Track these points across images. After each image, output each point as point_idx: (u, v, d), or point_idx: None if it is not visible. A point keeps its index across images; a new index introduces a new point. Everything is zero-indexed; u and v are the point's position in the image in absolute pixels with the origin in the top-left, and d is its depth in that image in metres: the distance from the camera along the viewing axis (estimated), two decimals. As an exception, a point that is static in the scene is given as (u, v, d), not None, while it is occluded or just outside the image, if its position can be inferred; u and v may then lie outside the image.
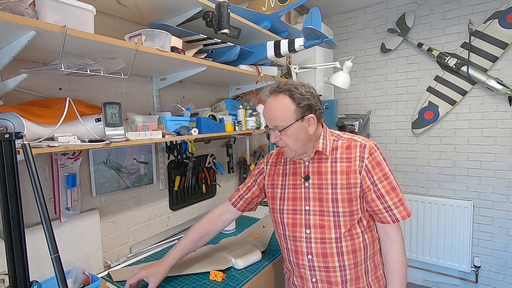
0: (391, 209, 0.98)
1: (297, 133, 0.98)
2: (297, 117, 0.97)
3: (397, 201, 0.99)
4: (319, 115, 1.03)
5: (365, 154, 1.00)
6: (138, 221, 1.52)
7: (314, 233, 1.02)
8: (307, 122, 0.99)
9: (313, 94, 1.01)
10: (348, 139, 1.05)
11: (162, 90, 1.61)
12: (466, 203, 2.47)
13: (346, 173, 1.00)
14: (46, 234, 0.75)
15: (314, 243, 1.02)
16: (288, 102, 0.96)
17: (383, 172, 0.99)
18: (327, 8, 2.86)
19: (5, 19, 0.72)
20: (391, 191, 0.99)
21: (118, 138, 1.05)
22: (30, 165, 0.76)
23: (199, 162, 1.85)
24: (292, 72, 2.14)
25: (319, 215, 1.02)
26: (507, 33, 2.24)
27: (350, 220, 1.00)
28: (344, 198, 0.99)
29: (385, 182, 0.99)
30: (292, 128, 0.97)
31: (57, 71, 0.96)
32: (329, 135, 1.07)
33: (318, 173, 1.04)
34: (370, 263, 1.05)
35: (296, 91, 0.97)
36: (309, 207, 1.04)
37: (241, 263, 1.27)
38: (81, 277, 1.11)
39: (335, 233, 1.00)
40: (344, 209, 0.99)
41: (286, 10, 1.70)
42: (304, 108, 0.97)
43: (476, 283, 2.50)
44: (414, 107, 2.69)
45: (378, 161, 1.00)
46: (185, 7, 1.33)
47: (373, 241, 1.06)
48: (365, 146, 1.01)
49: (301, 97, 0.97)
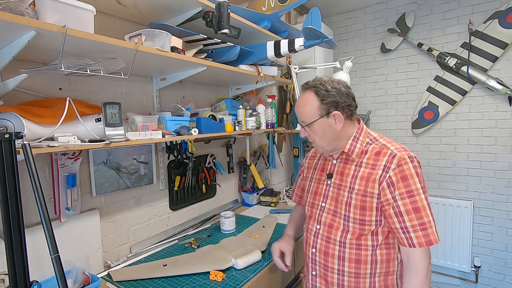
0: (408, 231, 0.90)
1: (323, 129, 0.99)
2: (321, 113, 0.98)
3: (418, 224, 0.88)
4: (349, 113, 1.00)
5: (392, 164, 0.92)
6: (138, 221, 1.52)
7: (323, 230, 1.05)
8: (333, 119, 0.98)
9: (340, 91, 0.98)
10: (382, 145, 0.98)
11: (162, 90, 1.61)
12: (466, 203, 2.47)
13: (366, 179, 0.96)
14: (46, 234, 0.75)
15: (320, 239, 1.05)
16: (313, 98, 0.99)
17: (408, 188, 0.90)
18: (327, 8, 2.86)
19: (5, 19, 0.72)
20: (413, 211, 0.89)
21: (118, 138, 1.05)
22: (30, 165, 0.76)
23: (199, 162, 1.85)
24: (292, 72, 2.14)
25: (332, 214, 1.03)
26: (507, 33, 2.24)
27: (360, 228, 0.97)
28: (357, 204, 0.96)
29: (407, 200, 0.90)
30: (317, 124, 0.99)
31: (57, 71, 0.97)
32: (363, 136, 1.02)
33: (341, 174, 1.03)
34: (379, 281, 0.98)
35: (321, 88, 0.97)
36: (325, 205, 1.06)
37: (241, 263, 1.27)
38: (81, 277, 1.11)
39: (341, 237, 1.00)
40: (355, 215, 0.97)
41: (286, 10, 1.70)
42: (328, 105, 0.97)
43: (476, 283, 2.50)
44: (414, 107, 2.69)
45: (405, 175, 0.91)
46: (185, 7, 1.33)
47: (389, 260, 0.98)
48: (394, 156, 0.93)
49: (326, 94, 0.97)
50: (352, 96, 1.01)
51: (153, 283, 1.18)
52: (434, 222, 0.90)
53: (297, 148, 2.42)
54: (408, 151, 0.95)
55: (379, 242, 0.97)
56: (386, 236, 0.97)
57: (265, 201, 2.22)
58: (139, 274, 1.23)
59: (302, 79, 2.45)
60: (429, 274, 0.91)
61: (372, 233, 0.97)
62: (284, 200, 2.34)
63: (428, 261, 0.91)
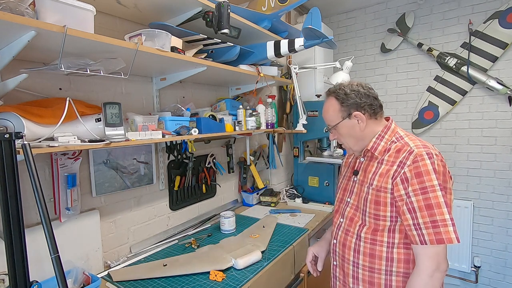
0: (420, 227, 0.88)
1: (348, 130, 1.05)
2: (343, 115, 1.04)
3: (430, 221, 0.86)
4: (371, 112, 1.03)
5: (408, 161, 0.92)
6: (138, 221, 1.52)
7: (344, 223, 1.10)
8: (355, 119, 1.03)
9: (359, 92, 1.02)
10: (404, 143, 0.98)
11: (162, 90, 1.61)
12: (466, 203, 2.47)
13: (384, 176, 0.97)
14: (46, 234, 0.75)
15: (341, 231, 1.10)
16: (334, 103, 1.06)
17: (422, 184, 0.88)
18: (327, 8, 2.86)
19: (5, 19, 0.72)
20: (426, 208, 0.87)
21: (118, 138, 1.05)
22: (30, 165, 0.76)
23: (199, 162, 1.85)
24: (292, 72, 2.14)
25: (354, 209, 1.08)
26: (507, 33, 2.24)
27: (375, 223, 0.99)
28: (372, 199, 0.99)
29: (420, 196, 0.88)
30: (341, 126, 1.06)
31: (57, 71, 0.97)
32: (389, 135, 1.03)
33: (365, 171, 1.06)
34: (397, 280, 0.97)
35: (340, 92, 1.04)
36: (350, 200, 1.10)
37: (241, 263, 1.27)
38: (81, 277, 1.11)
39: (358, 230, 1.04)
40: (371, 210, 1.00)
41: (286, 10, 1.70)
42: (349, 107, 1.03)
43: (476, 283, 2.50)
44: (414, 107, 2.69)
45: (421, 171, 0.89)
46: (185, 7, 1.33)
47: (409, 261, 0.96)
48: (411, 152, 0.93)
49: (345, 97, 1.03)
50: (373, 95, 1.04)
51: (153, 283, 1.18)
52: (451, 221, 0.86)
53: (297, 148, 2.42)
54: (429, 148, 0.93)
55: (396, 240, 0.96)
56: (405, 235, 0.95)
57: (265, 201, 2.22)
58: (139, 274, 1.23)
59: (302, 79, 2.45)
60: (435, 279, 0.87)
61: (389, 229, 0.97)
62: (284, 200, 2.34)
63: (435, 265, 0.87)
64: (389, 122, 1.07)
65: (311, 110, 2.27)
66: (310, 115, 2.25)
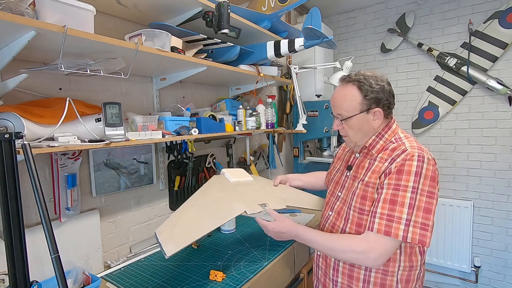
0: (375, 216, 0.90)
1: (360, 124, 0.99)
2: (362, 108, 0.97)
3: (387, 214, 0.87)
4: (387, 111, 0.99)
5: (399, 158, 0.91)
6: (138, 221, 1.52)
7: (332, 216, 1.10)
8: (373, 115, 0.98)
9: (384, 88, 0.97)
10: (401, 143, 0.97)
11: (162, 90, 1.61)
12: (466, 203, 2.47)
13: (375, 172, 0.96)
14: (46, 234, 0.75)
15: (328, 224, 1.10)
16: (355, 92, 0.97)
17: (398, 181, 0.88)
18: (327, 8, 2.86)
19: (5, 19, 0.72)
20: (390, 202, 0.87)
21: (118, 138, 1.05)
22: (30, 165, 0.76)
23: (199, 162, 1.85)
24: (292, 72, 2.14)
25: (342, 203, 1.07)
26: (507, 33, 2.24)
27: (359, 218, 0.98)
28: (359, 193, 0.99)
29: (390, 191, 0.88)
30: (355, 118, 0.98)
31: (57, 71, 0.96)
32: (389, 135, 1.01)
33: (358, 166, 1.05)
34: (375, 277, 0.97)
35: (365, 82, 0.96)
36: (340, 194, 1.10)
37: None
38: (81, 277, 1.11)
39: (343, 225, 1.03)
40: (356, 204, 0.99)
41: (286, 10, 1.70)
42: (371, 101, 0.96)
43: (476, 283, 2.50)
44: (414, 107, 2.69)
45: (403, 169, 0.89)
46: (185, 7, 1.33)
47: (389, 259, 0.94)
48: (404, 151, 0.92)
49: (370, 89, 0.95)
50: (393, 94, 1.00)
51: (153, 283, 1.18)
52: (409, 222, 0.84)
53: (297, 148, 2.42)
54: (423, 151, 0.92)
55: None
56: None
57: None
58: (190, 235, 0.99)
59: (302, 79, 2.45)
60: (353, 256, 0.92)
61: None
62: (284, 200, 2.33)
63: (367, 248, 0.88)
64: (391, 123, 1.04)
65: (311, 110, 2.27)
66: (310, 115, 2.26)
